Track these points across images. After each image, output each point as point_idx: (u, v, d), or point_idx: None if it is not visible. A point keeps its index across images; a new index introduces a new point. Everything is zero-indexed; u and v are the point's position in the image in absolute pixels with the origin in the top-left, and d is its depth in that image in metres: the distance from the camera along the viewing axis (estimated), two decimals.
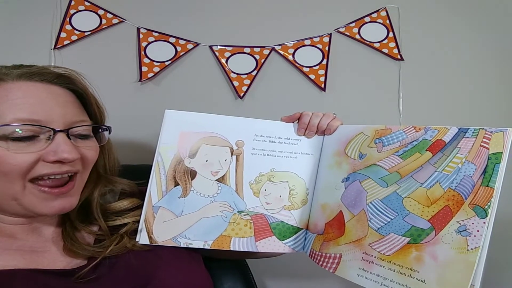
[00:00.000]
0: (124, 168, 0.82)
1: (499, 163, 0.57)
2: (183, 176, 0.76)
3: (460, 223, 0.58)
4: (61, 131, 0.61)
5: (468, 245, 0.56)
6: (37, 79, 0.62)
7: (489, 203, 0.56)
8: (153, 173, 0.75)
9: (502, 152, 0.57)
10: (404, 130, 0.69)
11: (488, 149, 0.58)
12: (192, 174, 0.76)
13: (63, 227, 0.69)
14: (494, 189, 0.56)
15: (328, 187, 0.78)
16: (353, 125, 0.78)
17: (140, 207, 0.76)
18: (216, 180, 0.77)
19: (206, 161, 0.77)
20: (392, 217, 0.65)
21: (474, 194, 0.58)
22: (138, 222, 0.74)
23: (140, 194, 0.79)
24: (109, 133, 0.71)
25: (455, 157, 0.61)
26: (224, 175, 0.78)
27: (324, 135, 0.81)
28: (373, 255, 0.66)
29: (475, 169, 0.59)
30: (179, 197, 0.75)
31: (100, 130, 0.71)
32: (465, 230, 0.57)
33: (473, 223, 0.56)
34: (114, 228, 0.72)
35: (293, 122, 0.81)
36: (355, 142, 0.76)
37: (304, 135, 0.80)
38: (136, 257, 0.68)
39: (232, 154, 0.78)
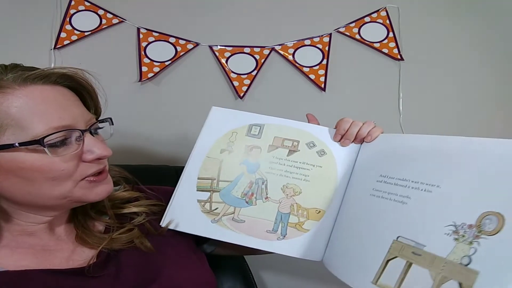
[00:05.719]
0: (124, 168, 0.82)
1: None
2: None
3: None
4: (85, 130, 0.62)
5: None
6: (42, 82, 0.60)
7: None
8: None
9: None
10: None
11: None
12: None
13: (74, 219, 0.71)
14: None
15: None
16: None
17: (139, 199, 0.78)
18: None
19: None
20: None
21: None
22: (146, 213, 0.75)
23: (138, 190, 0.80)
24: (112, 124, 0.71)
25: None
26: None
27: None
28: None
29: None
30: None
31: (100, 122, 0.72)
32: None
33: None
34: (122, 218, 0.74)
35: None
36: None
37: (339, 141, 0.80)
38: (143, 256, 0.68)
39: None
